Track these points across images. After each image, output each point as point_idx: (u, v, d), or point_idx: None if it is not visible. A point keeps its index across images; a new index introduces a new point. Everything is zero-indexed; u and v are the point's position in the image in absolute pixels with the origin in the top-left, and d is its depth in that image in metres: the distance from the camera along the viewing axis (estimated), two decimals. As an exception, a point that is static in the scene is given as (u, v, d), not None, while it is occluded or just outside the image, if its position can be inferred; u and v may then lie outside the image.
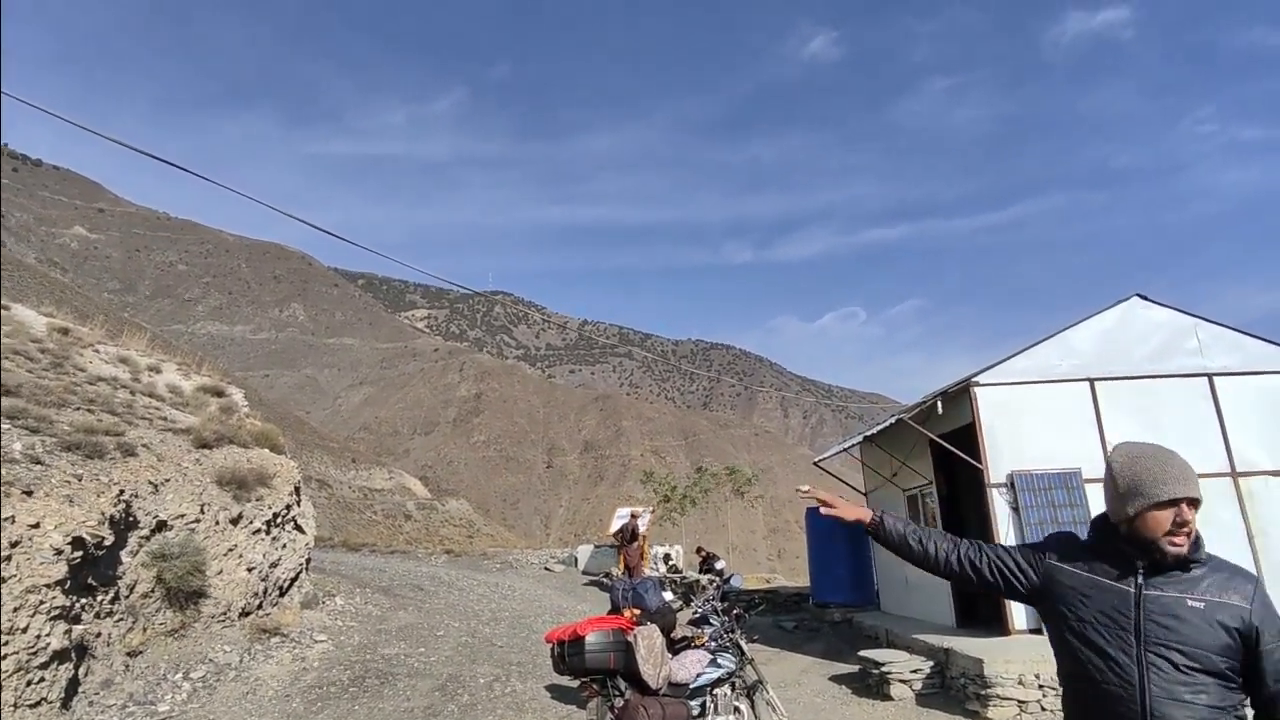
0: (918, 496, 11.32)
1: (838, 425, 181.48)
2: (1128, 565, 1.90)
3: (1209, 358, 9.72)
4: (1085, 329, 9.85)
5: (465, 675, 7.84)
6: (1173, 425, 9.36)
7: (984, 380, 9.46)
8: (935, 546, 2.13)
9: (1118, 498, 1.92)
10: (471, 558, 19.79)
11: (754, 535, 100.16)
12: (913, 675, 8.19)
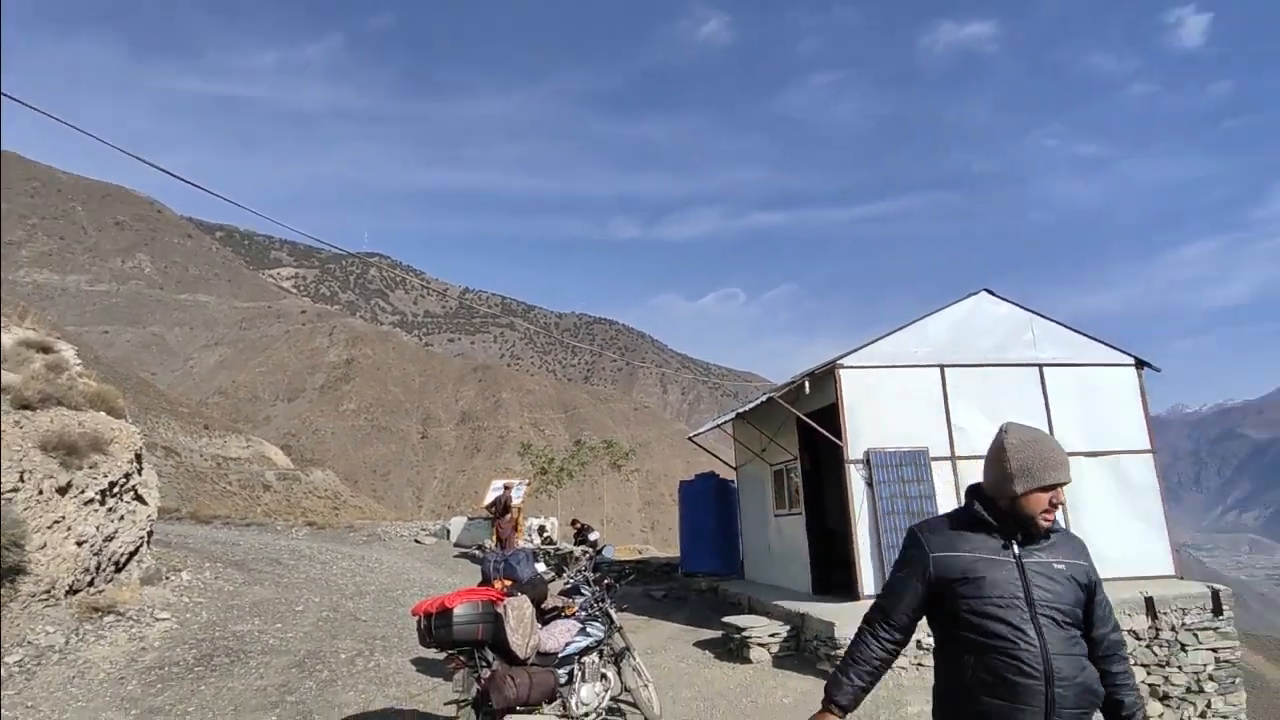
0: (783, 471, 11.90)
1: (714, 403, 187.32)
2: (1005, 538, 2.12)
3: (1040, 349, 10.78)
4: (939, 319, 10.65)
5: (325, 651, 7.55)
6: (1008, 410, 10.30)
7: (848, 363, 10.04)
8: (888, 651, 2.21)
9: (1007, 477, 2.12)
10: (336, 530, 18.99)
11: (629, 508, 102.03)
12: (771, 639, 8.67)
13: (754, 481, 13.33)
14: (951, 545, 2.13)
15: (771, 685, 7.63)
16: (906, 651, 7.77)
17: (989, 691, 1.99)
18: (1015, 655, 1.98)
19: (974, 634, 2.03)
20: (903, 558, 2.22)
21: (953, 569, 2.09)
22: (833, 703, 2.13)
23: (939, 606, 2.13)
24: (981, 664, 2.01)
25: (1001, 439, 2.18)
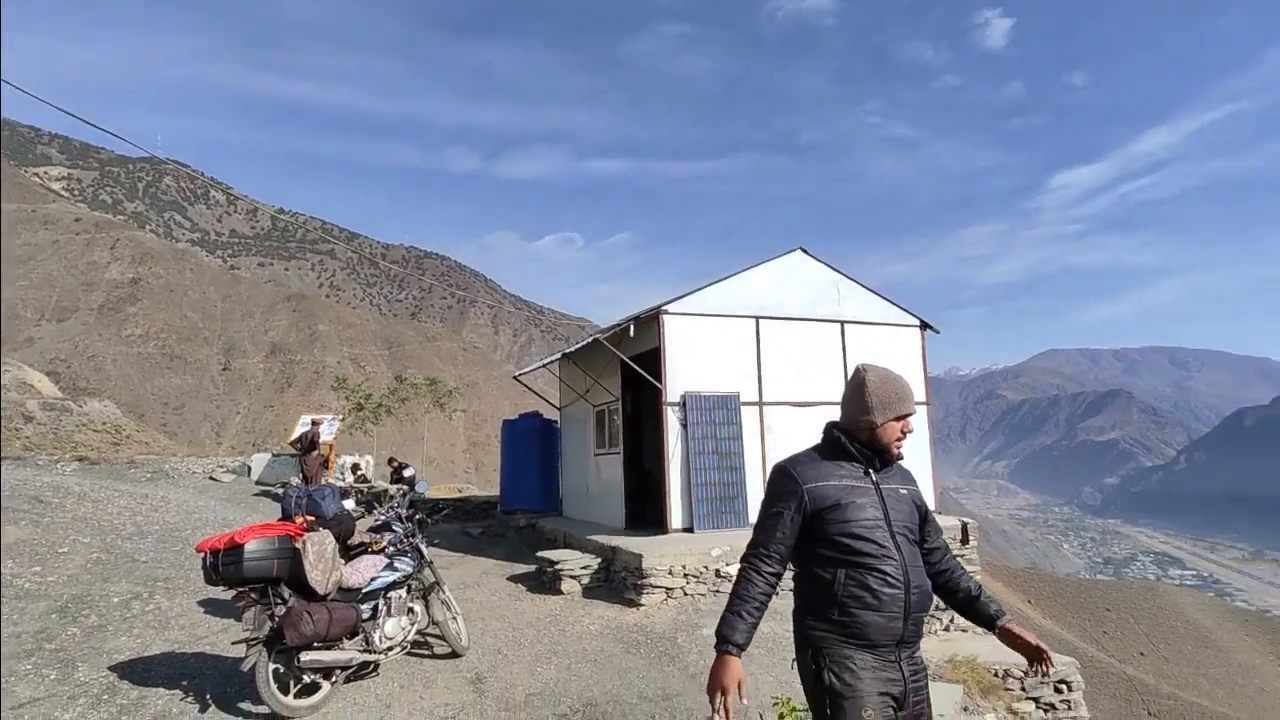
0: (605, 412, 12.21)
1: (546, 346, 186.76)
2: (865, 466, 2.39)
3: (844, 308, 11.77)
4: (758, 273, 11.27)
5: (95, 595, 6.83)
6: (813, 363, 11.26)
7: (672, 309, 10.39)
8: (771, 585, 2.32)
9: (868, 410, 2.38)
10: (114, 466, 17.00)
11: (454, 448, 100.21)
12: (582, 571, 9.00)
13: (577, 422, 13.58)
14: (823, 476, 2.33)
15: (580, 614, 7.95)
16: (704, 579, 8.38)
17: (860, 604, 2.22)
18: (883, 570, 2.24)
19: (846, 554, 2.25)
20: (776, 493, 2.36)
21: (826, 497, 2.29)
22: (731, 644, 2.19)
23: (810, 533, 2.31)
24: (853, 580, 2.23)
25: (862, 377, 2.44)
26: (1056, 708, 8.10)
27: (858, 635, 2.22)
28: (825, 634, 2.25)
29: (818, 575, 2.29)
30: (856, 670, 2.19)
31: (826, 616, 2.25)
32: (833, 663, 2.21)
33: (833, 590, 2.24)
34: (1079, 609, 68.88)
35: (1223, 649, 61.97)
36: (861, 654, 2.22)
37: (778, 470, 2.41)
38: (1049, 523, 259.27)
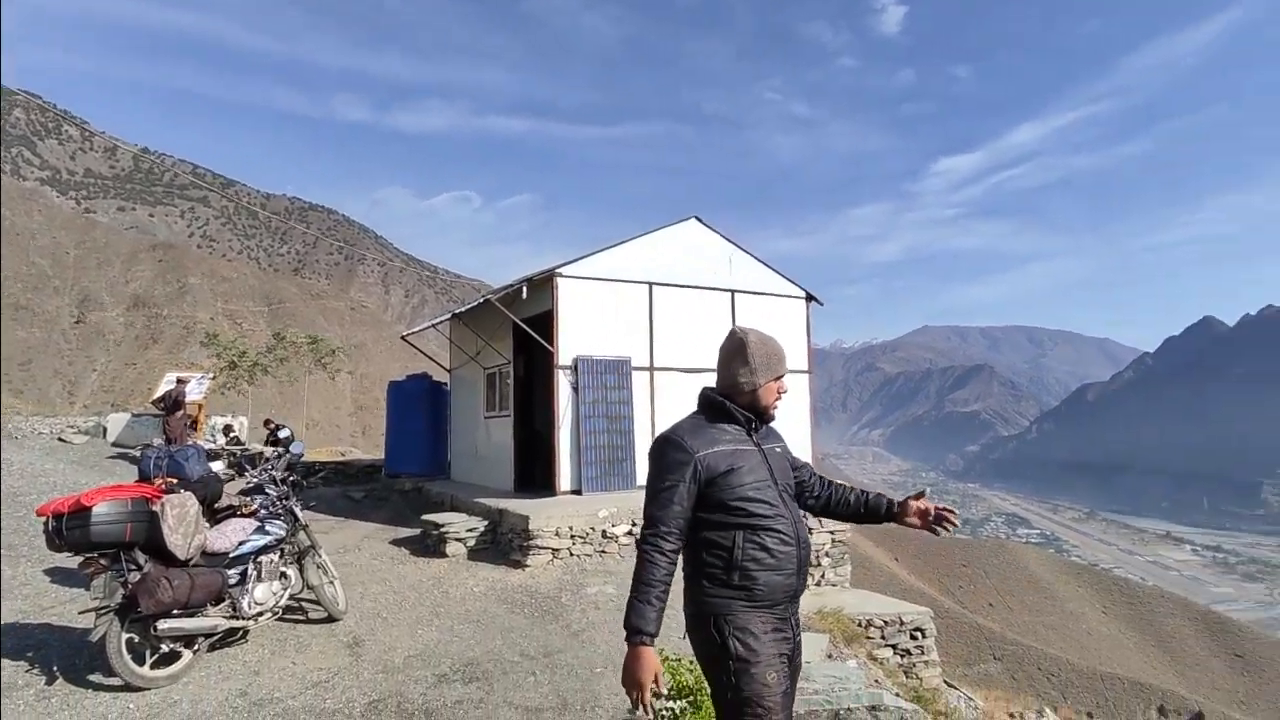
0: (496, 375, 12.05)
1: (440, 307, 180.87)
2: (746, 428, 2.39)
3: (735, 278, 12.06)
4: (654, 239, 11.35)
5: (-85, 565, 6.18)
6: (703, 330, 11.49)
7: (567, 272, 10.32)
8: (673, 561, 2.23)
9: (751, 371, 2.40)
10: (-58, 426, 15.28)
11: (339, 411, 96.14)
12: (468, 534, 8.92)
13: (467, 384, 13.33)
14: (713, 442, 2.30)
15: (464, 576, 7.90)
16: (591, 540, 8.51)
17: (760, 565, 2.23)
18: (778, 529, 2.27)
19: (742, 518, 2.25)
20: (667, 465, 2.27)
21: (719, 463, 2.26)
22: (644, 635, 2.10)
23: (704, 501, 2.27)
24: (751, 542, 2.24)
25: (742, 339, 2.44)
26: (911, 653, 8.81)
27: (760, 597, 2.23)
28: (727, 600, 2.22)
29: (715, 542, 2.25)
30: (759, 634, 2.20)
31: (728, 583, 2.22)
32: (737, 629, 2.18)
33: (733, 555, 2.22)
34: (938, 565, 74.78)
35: (1058, 599, 69.09)
36: (762, 617, 2.23)
37: (665, 442, 2.32)
38: (917, 487, 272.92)
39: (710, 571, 2.25)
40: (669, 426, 2.40)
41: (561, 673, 5.23)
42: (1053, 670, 50.38)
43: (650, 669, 2.07)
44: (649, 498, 2.29)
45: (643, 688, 2.05)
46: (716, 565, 2.24)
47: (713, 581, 2.24)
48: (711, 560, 2.25)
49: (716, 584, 2.24)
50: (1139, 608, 67.67)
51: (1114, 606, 68.35)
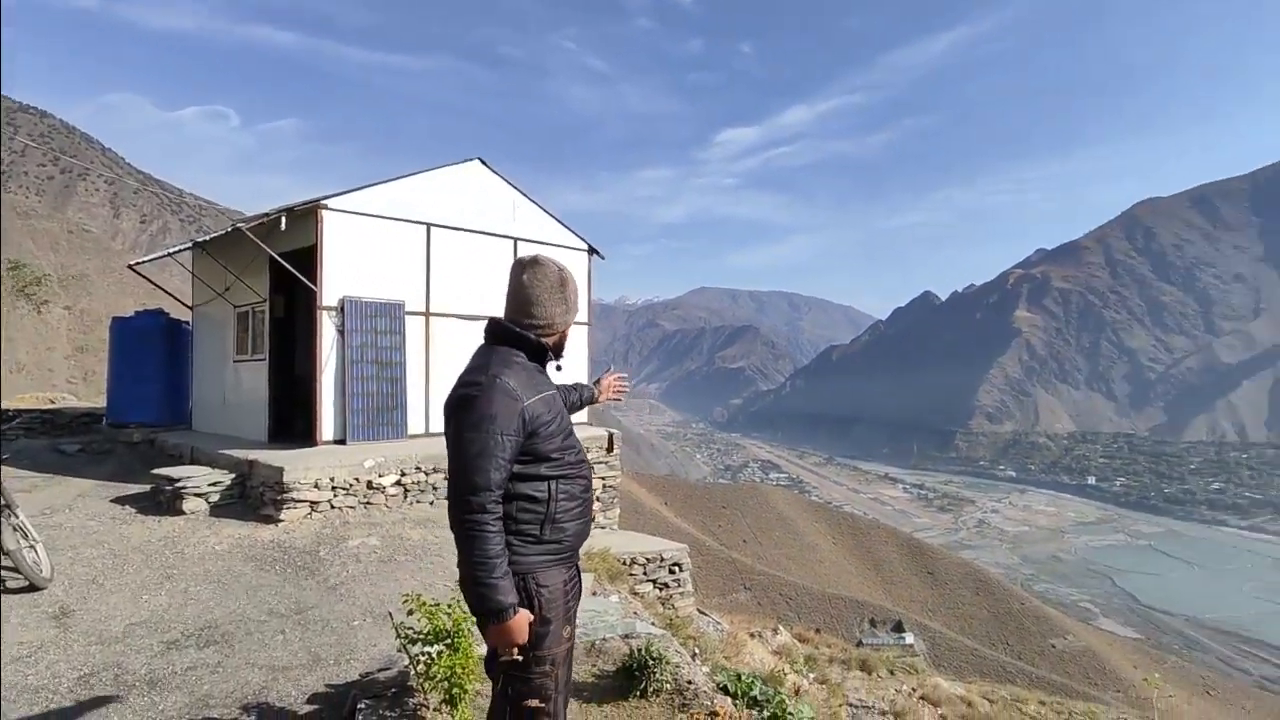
0: (249, 314, 10.85)
1: (185, 237, 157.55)
2: (545, 371, 2.21)
3: (519, 225, 11.86)
4: (434, 178, 10.77)
5: None
6: (484, 277, 11.22)
7: (334, 205, 9.47)
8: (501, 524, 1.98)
9: (568, 309, 2.22)
10: None
11: (52, 353, 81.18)
12: (211, 488, 8.06)
13: (214, 324, 11.87)
14: (535, 387, 2.08)
15: (205, 534, 7.14)
16: (355, 491, 8.08)
17: (569, 515, 2.12)
18: (584, 475, 2.19)
19: (558, 468, 2.10)
20: (495, 416, 1.94)
21: (541, 410, 2.05)
22: (512, 607, 1.92)
23: (524, 452, 2.04)
24: (564, 492, 2.11)
25: (564, 273, 2.21)
26: (669, 586, 9.53)
27: (567, 548, 2.13)
28: (535, 557, 2.06)
29: (529, 495, 2.06)
30: (563, 587, 2.12)
31: (540, 538, 2.06)
32: (542, 586, 2.05)
33: (548, 508, 2.08)
34: (703, 508, 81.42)
35: (799, 533, 78.53)
36: (561, 569, 2.13)
37: (492, 387, 1.98)
38: (687, 437, 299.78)
39: (521, 528, 2.05)
40: (479, 365, 2.08)
41: (315, 629, 4.96)
42: (791, 595, 57.44)
43: (526, 627, 1.97)
44: (474, 454, 1.93)
45: (522, 642, 1.97)
46: (530, 521, 2.06)
47: (523, 538, 2.04)
48: (525, 516, 2.06)
49: (527, 540, 2.05)
50: (860, 538, 79.10)
51: (841, 537, 79.23)
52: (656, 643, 4.06)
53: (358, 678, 3.96)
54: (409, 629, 3.48)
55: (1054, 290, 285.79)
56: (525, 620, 1.96)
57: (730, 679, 4.48)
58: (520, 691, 2.07)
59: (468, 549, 1.90)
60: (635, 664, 3.82)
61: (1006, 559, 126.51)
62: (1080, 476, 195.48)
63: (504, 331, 2.15)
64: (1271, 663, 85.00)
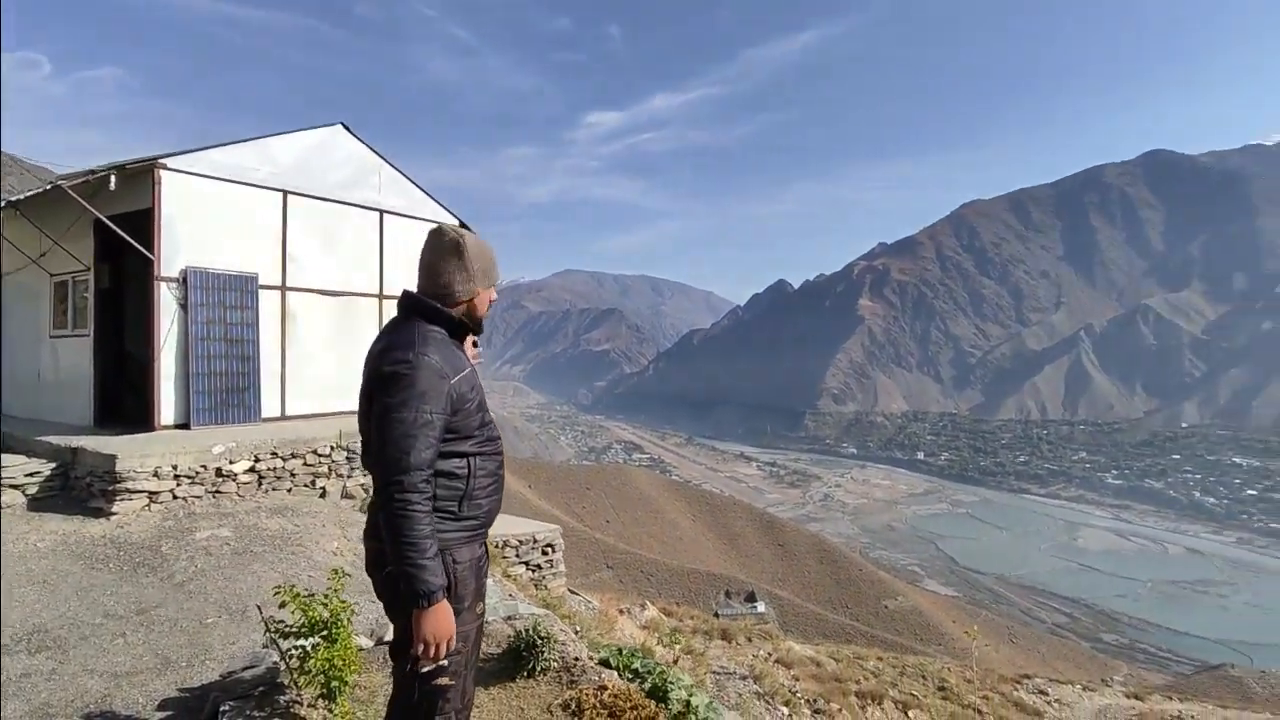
0: (69, 284, 9.64)
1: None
2: (461, 346, 2.13)
3: (385, 196, 11.29)
4: (289, 142, 9.99)
5: None
6: (348, 249, 10.62)
7: (175, 165, 8.56)
8: (430, 505, 1.91)
9: (472, 278, 2.12)
10: None
11: None
12: (27, 480, 7.14)
13: (26, 294, 10.44)
14: (458, 363, 2.03)
15: (23, 530, 6.34)
16: (202, 479, 7.45)
17: (486, 491, 2.10)
18: (499, 451, 2.15)
19: (479, 444, 2.07)
20: (423, 394, 1.89)
21: (465, 388, 2.01)
22: (439, 591, 1.85)
23: (457, 424, 2.01)
24: (483, 469, 2.08)
25: (459, 240, 2.13)
26: (542, 567, 9.55)
27: (481, 524, 2.12)
28: (452, 534, 2.02)
29: (450, 473, 2.02)
30: (474, 564, 2.10)
31: (457, 515, 2.04)
32: (457, 562, 2.02)
33: (467, 485, 2.05)
34: (567, 489, 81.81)
35: (660, 511, 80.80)
36: (476, 545, 2.12)
37: (422, 366, 1.92)
38: (551, 419, 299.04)
39: (440, 505, 2.00)
40: (404, 341, 1.99)
41: (161, 630, 4.56)
42: (652, 571, 59.09)
43: (454, 618, 1.92)
44: (403, 433, 1.87)
45: (453, 635, 1.92)
46: (448, 498, 2.03)
47: (442, 515, 2.01)
48: (444, 494, 2.02)
49: (445, 517, 2.02)
50: (718, 514, 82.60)
51: (700, 514, 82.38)
52: (543, 622, 4.08)
53: (217, 679, 3.71)
54: (279, 623, 3.31)
55: (893, 281, 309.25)
56: (449, 609, 1.92)
57: (612, 653, 4.58)
58: (436, 668, 2.03)
59: (396, 530, 1.84)
60: (523, 644, 3.82)
61: (848, 529, 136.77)
62: (912, 452, 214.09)
63: (422, 306, 2.10)
64: (1062, 611, 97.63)
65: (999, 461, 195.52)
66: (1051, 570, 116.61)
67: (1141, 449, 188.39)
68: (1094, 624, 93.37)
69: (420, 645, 1.88)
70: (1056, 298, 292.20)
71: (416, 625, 1.87)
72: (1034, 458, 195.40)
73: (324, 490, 8.27)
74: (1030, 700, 13.52)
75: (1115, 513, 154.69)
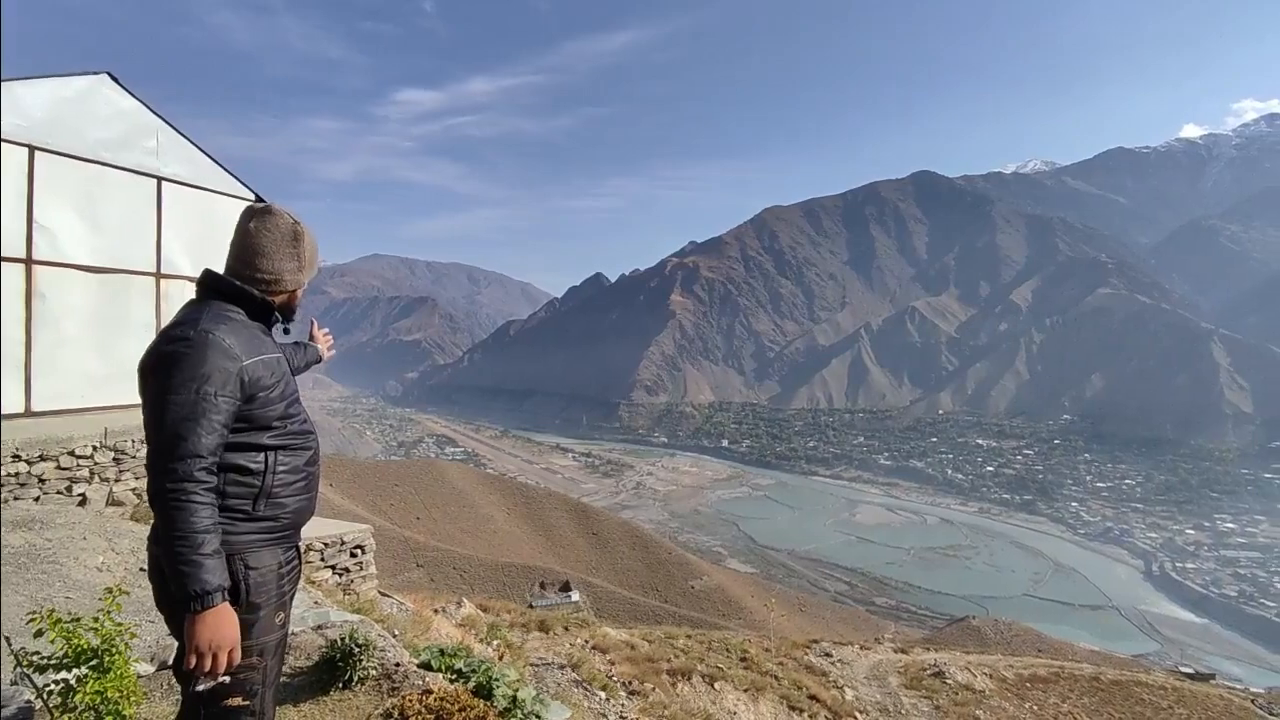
0: None
1: None
2: (269, 332, 1.98)
3: (165, 163, 9.95)
4: (40, 90, 8.46)
5: None
6: (116, 220, 9.21)
7: (-126, 106, 6.96)
8: (215, 497, 1.76)
9: (301, 267, 1.97)
10: None
11: None
12: None
13: None
14: (257, 348, 1.87)
15: None
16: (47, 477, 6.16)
17: (292, 490, 1.95)
18: (309, 446, 1.99)
19: (281, 437, 1.92)
20: (207, 375, 1.72)
21: (262, 373, 1.83)
22: (222, 590, 1.70)
23: (240, 418, 1.83)
24: (283, 463, 1.93)
25: (298, 226, 1.96)
26: (351, 570, 8.98)
27: (285, 526, 1.95)
28: (246, 536, 1.87)
29: (242, 467, 1.87)
30: (276, 569, 1.93)
31: (251, 515, 1.88)
32: (251, 568, 1.86)
33: (264, 481, 1.89)
34: (373, 487, 77.61)
35: (474, 506, 79.15)
36: (278, 550, 1.95)
37: (205, 344, 1.76)
38: (356, 413, 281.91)
39: (231, 504, 1.86)
40: (186, 319, 1.84)
41: None
42: (465, 568, 57.75)
43: (234, 621, 1.74)
44: (180, 417, 1.71)
45: (235, 645, 1.73)
46: (241, 495, 1.87)
47: (232, 515, 1.85)
48: (235, 490, 1.86)
49: (237, 518, 1.86)
50: (533, 506, 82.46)
51: (515, 507, 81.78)
52: (359, 629, 3.84)
53: (-55, 729, 3.10)
54: (34, 655, 2.82)
55: (702, 278, 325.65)
56: (231, 614, 1.74)
57: (434, 655, 4.42)
58: (219, 685, 1.83)
59: (169, 523, 1.67)
60: (338, 654, 3.57)
61: (658, 515, 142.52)
62: (717, 440, 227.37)
63: (221, 285, 1.93)
64: (843, 580, 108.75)
65: (792, 447, 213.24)
66: (835, 544, 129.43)
67: (907, 433, 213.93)
68: (869, 589, 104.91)
69: (193, 656, 1.69)
70: (842, 298, 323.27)
71: (190, 632, 1.68)
72: (821, 443, 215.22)
73: (84, 497, 7.18)
74: (818, 663, 14.91)
75: (886, 490, 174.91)
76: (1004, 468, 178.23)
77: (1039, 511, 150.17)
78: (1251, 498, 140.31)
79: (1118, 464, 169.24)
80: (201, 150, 10.57)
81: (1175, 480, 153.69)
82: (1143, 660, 60.93)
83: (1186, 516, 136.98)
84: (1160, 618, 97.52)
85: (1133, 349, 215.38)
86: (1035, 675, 17.41)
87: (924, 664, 16.24)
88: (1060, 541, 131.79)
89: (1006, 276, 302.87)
